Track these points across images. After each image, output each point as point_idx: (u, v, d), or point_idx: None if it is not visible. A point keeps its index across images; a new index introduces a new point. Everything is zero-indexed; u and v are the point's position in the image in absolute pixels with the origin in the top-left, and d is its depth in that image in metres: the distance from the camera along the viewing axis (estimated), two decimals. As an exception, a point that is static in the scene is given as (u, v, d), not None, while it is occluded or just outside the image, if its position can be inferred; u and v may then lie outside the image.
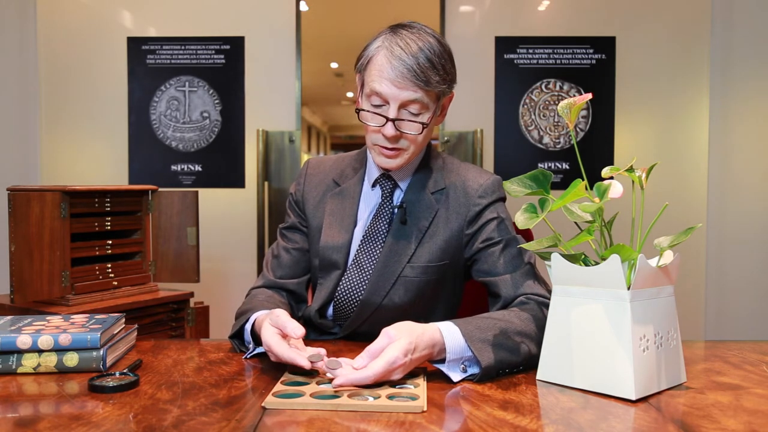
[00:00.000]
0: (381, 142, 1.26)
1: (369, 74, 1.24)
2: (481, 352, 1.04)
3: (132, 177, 3.14)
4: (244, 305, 1.30)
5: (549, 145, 3.13)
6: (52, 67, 3.13)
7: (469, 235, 1.31)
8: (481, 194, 1.32)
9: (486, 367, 1.03)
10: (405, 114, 1.23)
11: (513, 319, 1.13)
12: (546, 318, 1.13)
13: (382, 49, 1.22)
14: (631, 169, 1.01)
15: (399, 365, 0.98)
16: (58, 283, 1.93)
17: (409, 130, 1.24)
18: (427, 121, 1.24)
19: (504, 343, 1.08)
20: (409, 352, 0.99)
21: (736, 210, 3.11)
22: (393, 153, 1.26)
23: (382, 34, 1.25)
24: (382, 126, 1.24)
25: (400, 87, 1.20)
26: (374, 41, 1.25)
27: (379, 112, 1.23)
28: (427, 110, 1.24)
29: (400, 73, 1.19)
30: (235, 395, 0.95)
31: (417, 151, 1.29)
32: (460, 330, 1.06)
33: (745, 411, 0.90)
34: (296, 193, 1.44)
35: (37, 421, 0.84)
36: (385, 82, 1.20)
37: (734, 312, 3.12)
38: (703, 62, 3.11)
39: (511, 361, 1.08)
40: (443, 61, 1.23)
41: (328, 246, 1.35)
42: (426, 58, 1.20)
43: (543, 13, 3.16)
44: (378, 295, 1.30)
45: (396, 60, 1.19)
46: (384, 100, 1.22)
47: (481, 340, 1.06)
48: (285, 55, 3.11)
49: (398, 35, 1.22)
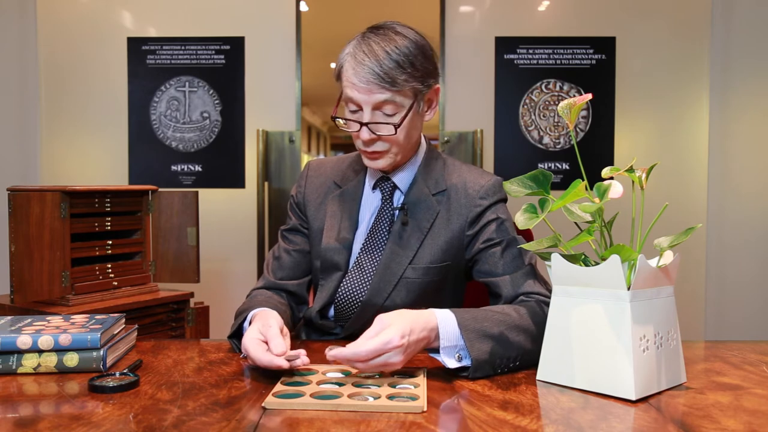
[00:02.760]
0: (362, 146, 1.29)
1: (343, 82, 1.27)
2: (473, 344, 1.05)
3: (132, 177, 3.14)
4: (243, 305, 1.30)
5: (549, 145, 3.13)
6: (52, 67, 3.13)
7: (470, 236, 1.31)
8: (482, 195, 1.32)
9: (476, 360, 1.04)
10: (379, 116, 1.25)
11: (511, 313, 1.14)
12: (545, 316, 1.13)
13: (349, 56, 1.25)
14: (631, 170, 1.01)
15: (394, 346, 0.98)
16: (58, 284, 1.93)
17: (383, 132, 1.25)
18: (399, 121, 1.25)
19: (499, 335, 1.09)
20: (405, 335, 1.00)
21: (736, 210, 3.11)
22: (374, 155, 1.29)
23: (352, 41, 1.27)
24: (357, 131, 1.26)
25: (367, 92, 1.22)
26: (345, 49, 1.28)
27: (353, 118, 1.26)
28: (401, 109, 1.25)
29: (364, 78, 1.21)
30: (235, 395, 0.95)
31: (403, 151, 1.30)
32: (456, 317, 1.08)
33: (745, 411, 0.90)
34: (297, 195, 1.45)
35: (37, 421, 0.84)
36: (353, 87, 1.23)
37: (734, 312, 3.12)
38: (703, 62, 3.11)
39: (505, 354, 1.08)
40: (411, 58, 1.23)
41: (329, 248, 1.35)
42: (390, 59, 1.21)
43: (543, 14, 3.16)
44: (380, 296, 1.30)
45: (359, 66, 1.21)
46: (357, 105, 1.25)
47: (475, 330, 1.07)
48: (285, 55, 3.11)
49: (365, 40, 1.24)
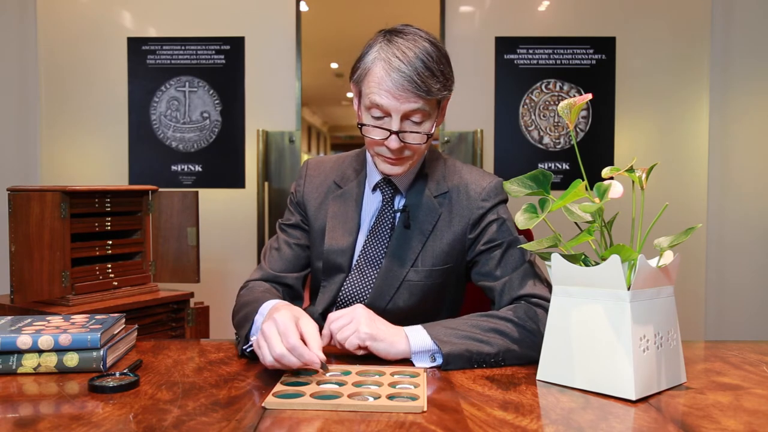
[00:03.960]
0: (385, 153, 1.24)
1: (367, 86, 1.21)
2: (442, 340, 1.10)
3: (132, 177, 3.14)
4: (245, 297, 1.27)
5: (549, 145, 3.13)
6: (52, 67, 3.13)
7: (472, 239, 1.31)
8: (484, 197, 1.32)
9: (448, 354, 1.09)
10: (408, 124, 1.21)
11: (489, 318, 1.17)
12: (537, 317, 1.16)
13: (380, 61, 1.19)
14: (631, 170, 1.01)
15: (339, 317, 1.12)
16: (58, 284, 1.93)
17: (413, 141, 1.22)
18: (430, 130, 1.23)
19: (471, 335, 1.12)
20: (370, 313, 1.14)
21: (736, 210, 3.11)
22: (397, 161, 1.25)
23: (376, 44, 1.22)
24: (385, 139, 1.22)
25: (401, 99, 1.18)
26: (369, 51, 1.22)
27: (381, 125, 1.21)
28: (429, 118, 1.22)
29: (399, 84, 1.17)
30: (235, 395, 0.95)
31: (419, 157, 1.30)
32: (425, 329, 1.13)
33: (745, 411, 0.90)
34: (297, 193, 1.43)
35: (37, 421, 0.84)
36: (385, 94, 1.18)
37: (734, 312, 3.12)
38: (703, 62, 3.11)
39: (481, 350, 1.11)
40: (441, 66, 1.20)
41: (332, 250, 1.34)
42: (424, 66, 1.17)
43: (543, 14, 3.16)
44: (383, 299, 1.30)
45: (394, 72, 1.17)
46: (385, 112, 1.20)
47: (445, 334, 1.12)
48: (285, 55, 3.12)
49: (394, 44, 1.19)
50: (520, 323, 1.16)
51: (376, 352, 1.10)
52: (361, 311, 1.13)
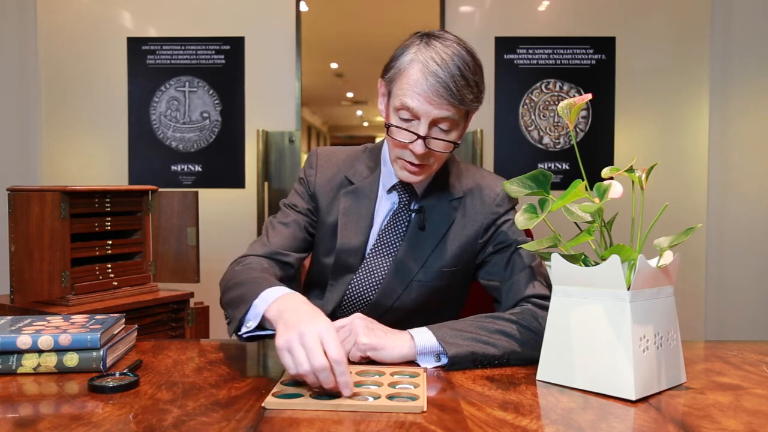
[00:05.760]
0: (408, 157, 1.22)
1: (399, 86, 1.19)
2: (448, 341, 1.09)
3: (132, 177, 3.14)
4: (242, 274, 1.18)
5: (549, 145, 3.13)
6: (52, 67, 3.13)
7: (483, 243, 1.32)
8: (498, 203, 1.32)
9: (453, 356, 1.08)
10: (435, 131, 1.20)
11: (494, 319, 1.16)
12: (539, 319, 1.15)
13: (417, 63, 1.16)
14: (631, 170, 1.01)
15: (343, 325, 1.12)
16: (58, 284, 1.93)
17: (438, 149, 1.21)
18: (457, 139, 1.22)
19: (477, 336, 1.11)
20: (370, 321, 1.13)
21: (736, 210, 3.11)
22: (418, 170, 1.24)
23: (413, 45, 1.20)
24: (411, 142, 1.20)
25: (434, 104, 1.16)
26: (406, 52, 1.20)
27: (409, 128, 1.19)
28: (456, 128, 1.22)
29: (435, 90, 1.15)
30: (235, 395, 0.95)
31: (439, 166, 1.29)
32: (431, 330, 1.12)
33: (745, 411, 0.90)
34: (309, 183, 1.38)
35: (37, 421, 0.84)
36: (418, 97, 1.16)
37: (734, 312, 3.12)
38: (703, 62, 3.11)
39: (487, 352, 1.10)
40: (476, 77, 1.19)
41: (344, 249, 1.33)
42: (461, 75, 1.15)
43: (543, 14, 3.16)
44: (390, 298, 1.30)
45: (432, 76, 1.14)
46: (414, 115, 1.18)
47: (451, 336, 1.11)
48: (285, 55, 3.11)
49: (432, 48, 1.17)
50: (525, 325, 1.15)
51: (378, 360, 1.10)
52: (358, 322, 1.12)
